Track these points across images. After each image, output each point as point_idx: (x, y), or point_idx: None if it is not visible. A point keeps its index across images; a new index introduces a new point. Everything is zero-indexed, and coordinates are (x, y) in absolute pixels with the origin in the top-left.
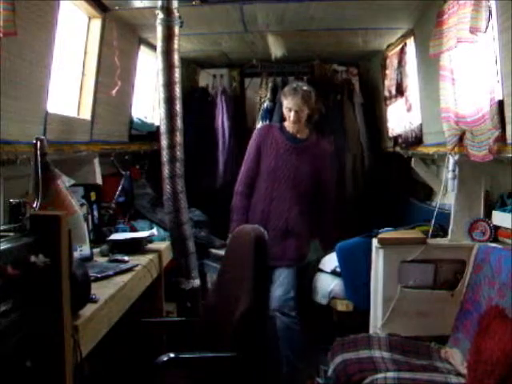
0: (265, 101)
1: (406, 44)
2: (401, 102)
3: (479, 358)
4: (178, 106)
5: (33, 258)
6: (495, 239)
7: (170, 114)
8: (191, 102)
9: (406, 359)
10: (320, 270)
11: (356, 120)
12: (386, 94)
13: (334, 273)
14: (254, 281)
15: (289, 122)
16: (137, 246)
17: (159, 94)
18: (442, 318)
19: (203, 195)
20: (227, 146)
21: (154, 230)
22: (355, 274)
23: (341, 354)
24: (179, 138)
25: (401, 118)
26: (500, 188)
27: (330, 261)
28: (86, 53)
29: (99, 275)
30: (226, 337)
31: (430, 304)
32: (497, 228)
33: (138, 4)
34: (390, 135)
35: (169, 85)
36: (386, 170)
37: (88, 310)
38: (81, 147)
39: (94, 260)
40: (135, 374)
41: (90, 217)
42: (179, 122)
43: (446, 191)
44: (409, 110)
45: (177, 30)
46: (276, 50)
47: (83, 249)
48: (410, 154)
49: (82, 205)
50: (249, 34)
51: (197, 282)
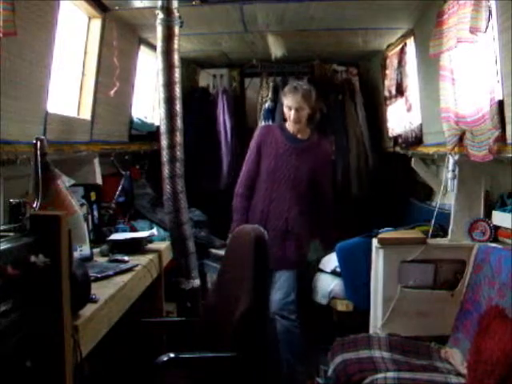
0: (266, 101)
1: (405, 44)
2: (401, 102)
3: (479, 358)
4: (178, 106)
5: (33, 258)
6: (495, 239)
7: (170, 114)
8: (191, 102)
9: (406, 359)
10: (320, 269)
11: (358, 120)
12: (386, 93)
13: (334, 273)
14: (254, 281)
15: (289, 121)
16: (137, 246)
17: (159, 93)
18: (442, 318)
19: (203, 195)
20: (230, 147)
21: (154, 230)
22: (355, 274)
23: (341, 353)
24: (179, 137)
25: (401, 118)
26: (500, 188)
27: (330, 261)
28: (85, 53)
29: (99, 275)
30: (226, 337)
31: (429, 304)
32: (497, 228)
33: (137, 4)
34: (390, 135)
35: (169, 85)
36: (386, 170)
37: (88, 309)
38: (81, 147)
39: (94, 260)
40: (135, 373)
41: (89, 217)
42: (179, 122)
43: (445, 191)
44: (409, 110)
45: (177, 29)
46: (276, 50)
47: (83, 249)
48: (410, 154)
49: (82, 205)
50: (249, 34)
51: (197, 282)
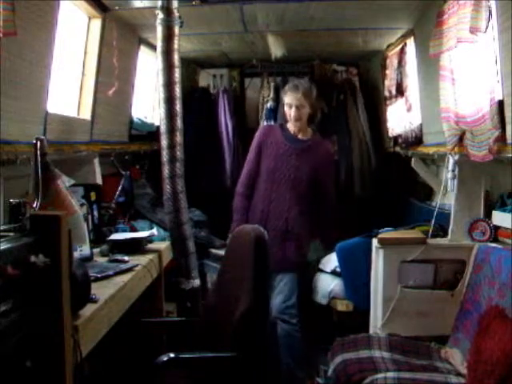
0: (268, 100)
1: (405, 44)
2: (401, 102)
3: (479, 358)
4: (178, 106)
5: (33, 258)
6: (495, 239)
7: (170, 114)
8: (191, 102)
9: (406, 359)
10: (320, 269)
11: (360, 120)
12: (386, 93)
13: (334, 273)
14: (254, 281)
15: (290, 119)
16: (137, 246)
17: (159, 93)
18: (442, 318)
19: (203, 195)
20: (231, 147)
21: (154, 230)
22: (355, 274)
23: (341, 353)
24: (179, 137)
25: (401, 118)
26: (500, 188)
27: (330, 261)
28: (85, 53)
29: (99, 275)
30: (226, 337)
31: (430, 304)
32: (497, 228)
33: (138, 4)
34: (390, 135)
35: (169, 85)
36: (386, 169)
37: (88, 309)
38: (81, 147)
39: (94, 260)
40: (135, 373)
41: (89, 217)
42: (179, 122)
43: (445, 191)
44: (409, 110)
45: (177, 29)
46: (276, 50)
47: (83, 249)
48: (410, 154)
49: (82, 205)
50: (249, 34)
51: (197, 282)
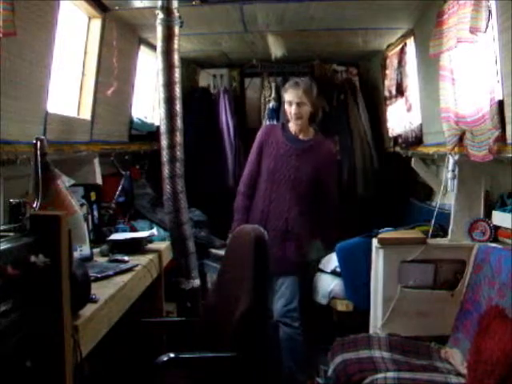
0: (270, 100)
1: (405, 44)
2: (401, 102)
3: (479, 358)
4: (178, 106)
5: (33, 258)
6: (495, 239)
7: (170, 114)
8: (191, 102)
9: (406, 359)
10: (320, 270)
11: (361, 119)
12: (386, 93)
13: (334, 273)
14: (254, 281)
15: (291, 118)
16: (137, 246)
17: (159, 93)
18: (442, 318)
19: (203, 195)
20: (233, 147)
21: (154, 230)
22: (355, 273)
23: (341, 353)
24: (179, 137)
25: (401, 118)
26: (500, 188)
27: (330, 261)
28: (85, 53)
29: (99, 275)
30: (226, 337)
31: (430, 304)
32: (497, 228)
33: (138, 4)
34: (390, 135)
35: (169, 85)
36: (386, 169)
37: (88, 309)
38: (81, 147)
39: (94, 260)
40: (135, 373)
41: (89, 217)
42: (179, 122)
43: (445, 191)
44: (409, 110)
45: (177, 29)
46: (276, 50)
47: (83, 249)
48: (410, 154)
49: (82, 205)
50: (249, 34)
51: (197, 282)
